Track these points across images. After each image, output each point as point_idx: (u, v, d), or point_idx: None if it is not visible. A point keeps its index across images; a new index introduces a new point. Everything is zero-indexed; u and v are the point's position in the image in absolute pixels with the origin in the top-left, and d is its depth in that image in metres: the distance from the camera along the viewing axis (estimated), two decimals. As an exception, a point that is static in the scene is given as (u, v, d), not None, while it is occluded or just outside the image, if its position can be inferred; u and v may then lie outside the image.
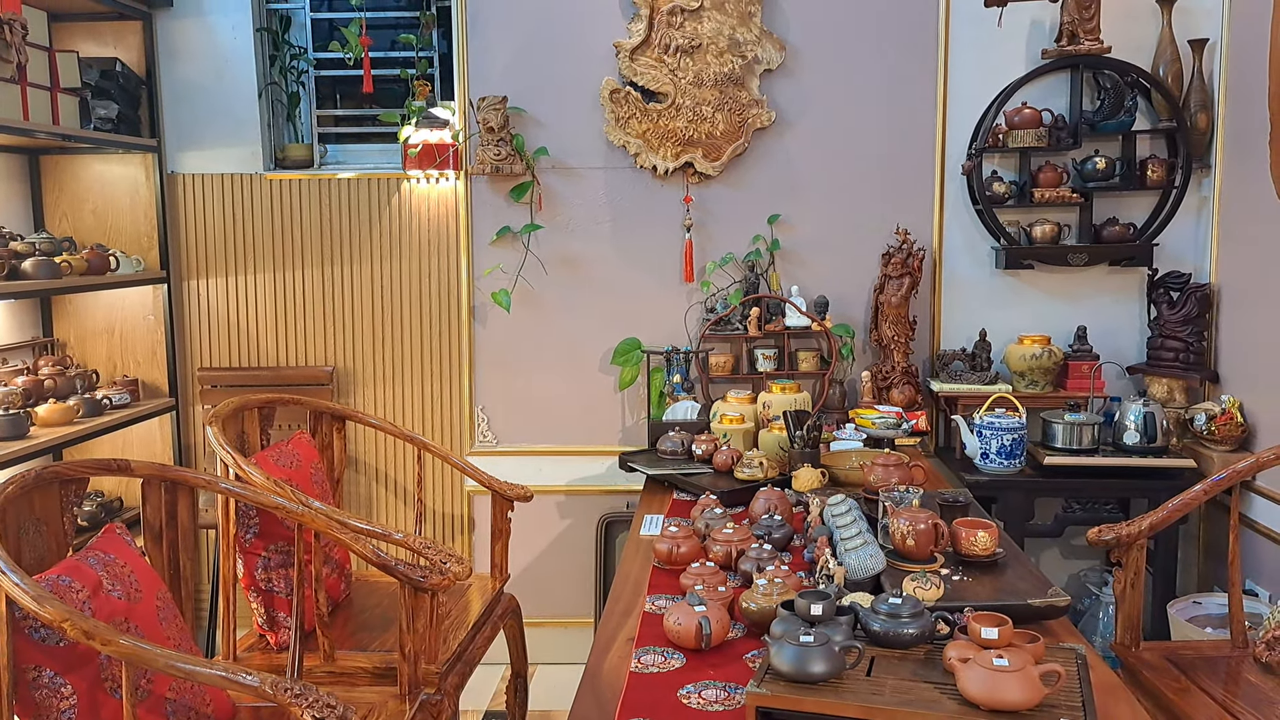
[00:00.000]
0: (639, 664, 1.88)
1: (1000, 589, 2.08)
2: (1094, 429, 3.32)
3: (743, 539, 2.35)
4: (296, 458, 2.83)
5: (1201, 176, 3.54)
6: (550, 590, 3.86)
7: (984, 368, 3.57)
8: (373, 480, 3.88)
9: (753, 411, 3.36)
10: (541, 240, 3.71)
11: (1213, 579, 3.46)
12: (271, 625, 2.66)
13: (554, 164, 3.68)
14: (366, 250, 3.77)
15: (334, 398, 3.80)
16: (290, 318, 3.81)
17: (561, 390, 3.80)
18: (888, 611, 1.80)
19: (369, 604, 2.93)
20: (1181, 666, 2.41)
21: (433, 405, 3.83)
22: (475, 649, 2.84)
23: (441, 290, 3.77)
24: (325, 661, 2.54)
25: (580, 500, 3.82)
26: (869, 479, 2.63)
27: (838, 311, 3.67)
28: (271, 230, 3.78)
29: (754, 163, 3.65)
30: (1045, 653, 1.74)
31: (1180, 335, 3.47)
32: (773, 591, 1.99)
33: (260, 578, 2.62)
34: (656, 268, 3.71)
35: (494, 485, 3.12)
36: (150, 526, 2.36)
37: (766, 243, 3.66)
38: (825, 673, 1.63)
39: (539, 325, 3.77)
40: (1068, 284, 3.65)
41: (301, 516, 2.35)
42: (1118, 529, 2.48)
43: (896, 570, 2.15)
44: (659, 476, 3.09)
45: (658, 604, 2.17)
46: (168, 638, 2.08)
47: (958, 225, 3.65)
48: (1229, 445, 3.28)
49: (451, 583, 2.43)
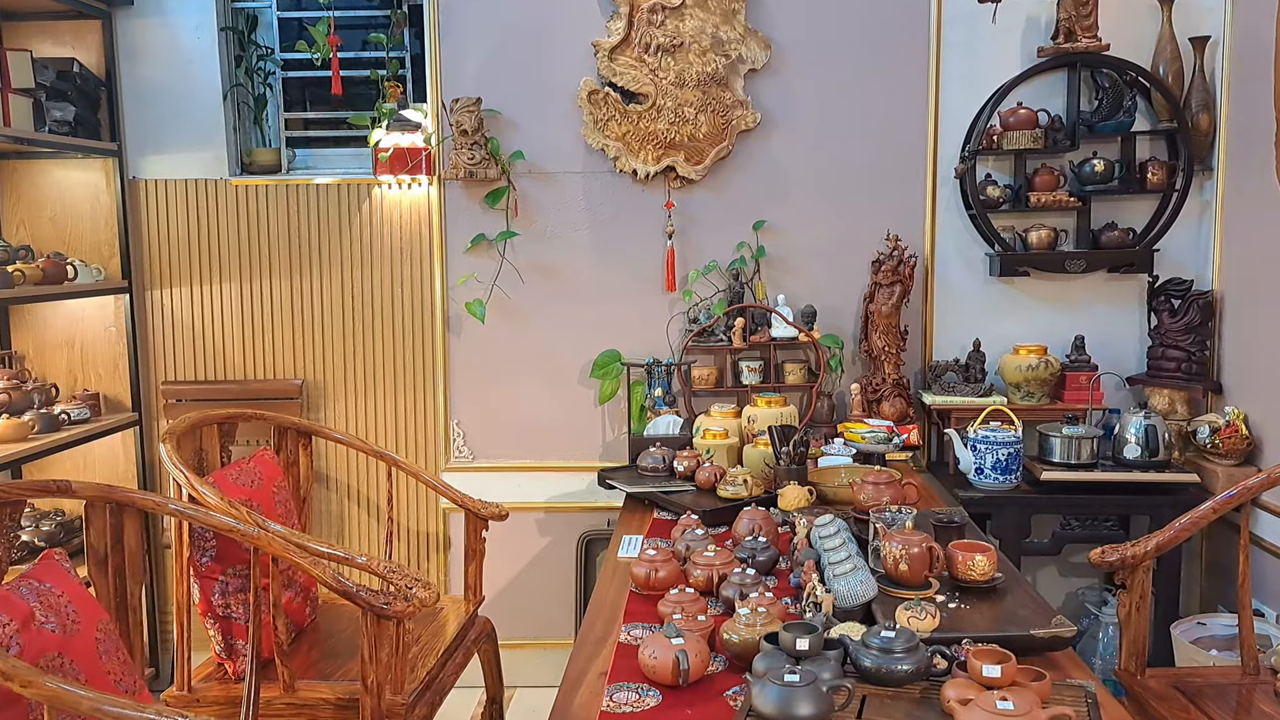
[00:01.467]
0: (611, 703, 1.73)
1: (1000, 618, 1.94)
2: (1093, 443, 3.19)
3: (725, 562, 2.21)
4: (258, 476, 2.68)
5: (1203, 179, 3.42)
6: (529, 611, 3.70)
7: (978, 379, 3.43)
8: (345, 498, 3.73)
9: (737, 426, 3.22)
10: (518, 248, 3.57)
11: (1217, 598, 3.33)
12: (230, 653, 2.51)
13: (530, 168, 3.54)
14: (337, 259, 3.62)
15: (304, 412, 3.65)
16: (258, 329, 3.66)
17: (540, 404, 3.65)
18: (880, 646, 1.66)
19: (336, 629, 2.78)
20: (1189, 695, 2.28)
21: (406, 419, 3.68)
22: (446, 676, 2.69)
23: (415, 300, 3.62)
24: (285, 692, 2.40)
25: (560, 518, 3.67)
26: (859, 498, 2.49)
27: (826, 321, 3.53)
28: (238, 238, 3.63)
29: (738, 166, 3.52)
30: (1052, 691, 1.60)
31: (1182, 344, 3.35)
32: (755, 622, 1.85)
33: (218, 603, 2.47)
34: (637, 276, 3.58)
35: (467, 504, 2.98)
36: (95, 552, 2.21)
37: (751, 250, 3.53)
38: (812, 715, 1.50)
39: (516, 336, 3.63)
40: (1065, 292, 3.53)
41: (256, 539, 2.21)
42: (1122, 550, 2.34)
43: (889, 598, 2.01)
44: (639, 494, 2.95)
45: (634, 634, 2.03)
46: (107, 672, 1.93)
47: (950, 231, 3.53)
48: (1234, 459, 3.16)
49: (417, 610, 2.29)
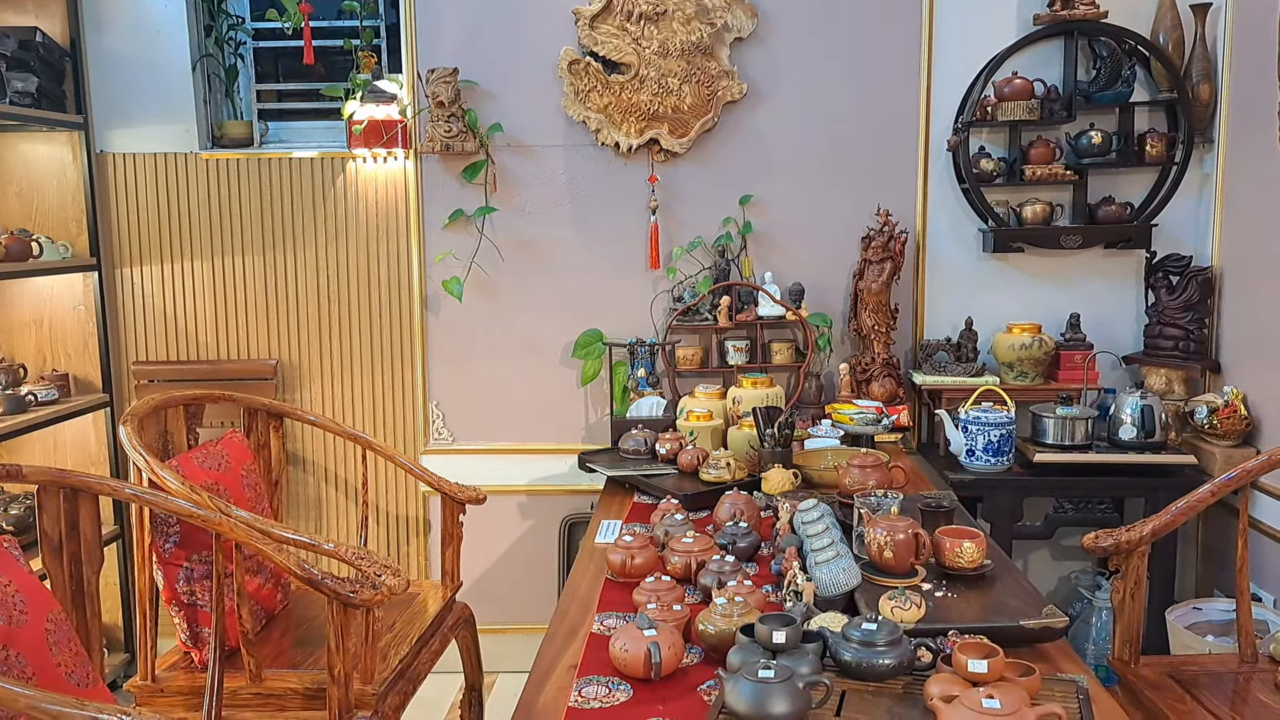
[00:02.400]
0: (579, 697, 1.65)
1: (989, 607, 1.85)
2: (1088, 423, 3.10)
3: (704, 549, 2.12)
4: (226, 459, 2.59)
5: (1203, 152, 3.32)
6: (511, 596, 3.63)
7: (970, 359, 3.34)
8: (321, 481, 3.64)
9: (722, 408, 3.13)
10: (497, 224, 3.47)
11: (1212, 582, 3.25)
12: (196, 642, 2.43)
13: (509, 141, 3.43)
14: (311, 235, 3.52)
15: (279, 393, 3.56)
16: (230, 308, 3.56)
17: (520, 385, 3.56)
18: (861, 639, 1.58)
19: (308, 616, 2.70)
20: (1185, 684, 2.20)
21: (384, 401, 3.59)
22: (421, 664, 2.62)
23: (391, 278, 3.52)
24: (252, 681, 2.32)
25: (542, 501, 3.59)
26: (844, 481, 2.41)
27: (814, 300, 3.44)
28: (209, 214, 3.52)
29: (724, 139, 3.41)
30: (1041, 687, 1.52)
31: (1180, 322, 3.26)
32: (733, 612, 1.76)
33: (182, 590, 2.39)
34: (619, 253, 3.48)
35: (444, 487, 2.89)
36: (48, 539, 2.11)
37: (738, 226, 3.43)
38: (788, 713, 1.41)
39: (495, 316, 3.53)
40: (1060, 268, 3.43)
41: (218, 525, 2.12)
42: (1117, 535, 2.26)
43: (873, 586, 1.93)
44: (619, 478, 2.86)
45: (607, 624, 1.94)
46: (58, 665, 1.84)
47: (942, 206, 3.43)
48: (1232, 440, 3.07)
49: (386, 598, 2.21)
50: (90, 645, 2.12)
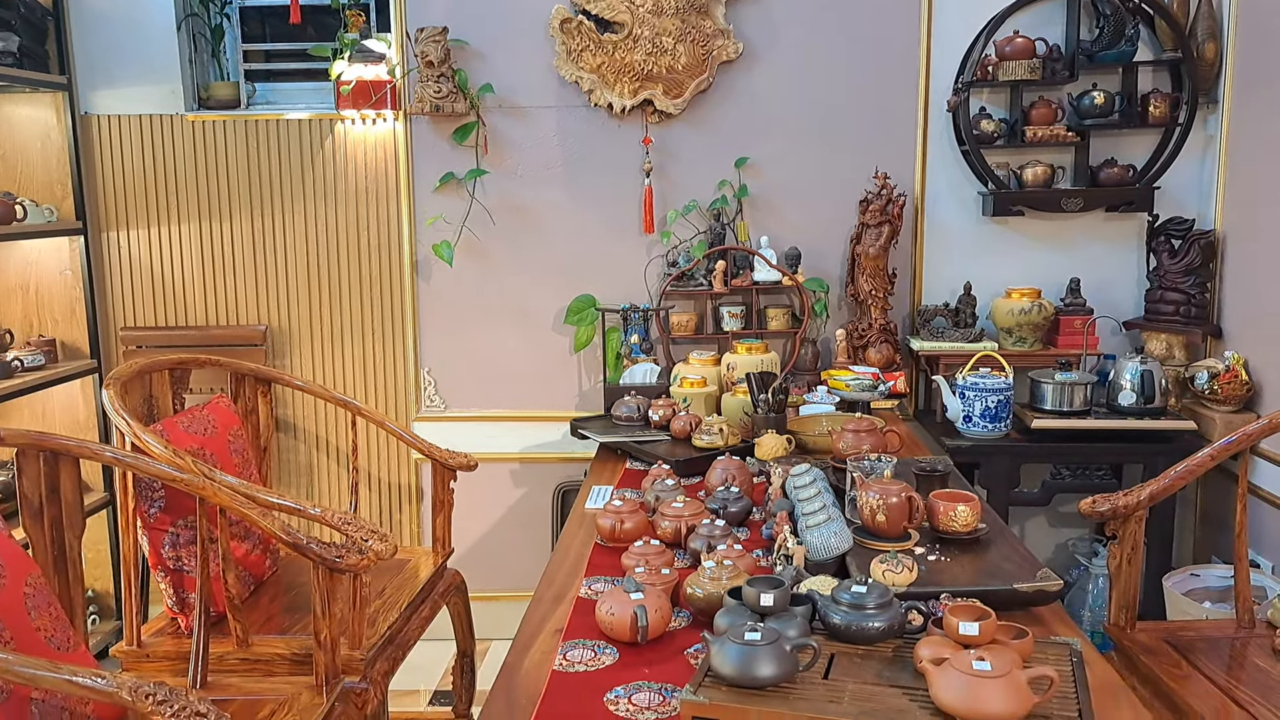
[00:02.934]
0: (564, 661, 1.62)
1: (982, 571, 1.82)
2: (1086, 389, 3.06)
3: (694, 513, 2.09)
4: (212, 424, 2.56)
5: (1208, 113, 3.26)
6: (504, 563, 3.60)
7: (968, 324, 3.30)
8: (313, 448, 3.60)
9: (716, 374, 3.09)
10: (488, 187, 3.41)
11: (1210, 548, 3.23)
12: (182, 607, 2.40)
13: (500, 102, 3.37)
14: (300, 199, 3.46)
15: (269, 359, 3.52)
16: (219, 273, 3.51)
17: (513, 351, 3.52)
18: (850, 601, 1.55)
19: (298, 582, 2.67)
20: (1181, 649, 2.17)
21: (376, 367, 3.55)
22: (411, 630, 2.59)
23: (382, 242, 3.47)
24: (239, 647, 2.29)
25: (535, 468, 3.56)
26: (838, 446, 2.37)
27: (811, 264, 3.39)
28: (196, 177, 3.47)
29: (719, 100, 3.35)
30: (1034, 650, 1.48)
31: (1181, 287, 3.21)
32: (721, 575, 1.73)
33: (168, 556, 2.36)
34: (613, 217, 3.42)
35: (434, 453, 2.86)
36: (28, 502, 2.08)
37: (733, 189, 3.37)
38: (774, 676, 1.38)
39: (487, 281, 3.48)
40: (1061, 232, 3.38)
41: (202, 489, 2.08)
42: (1114, 499, 2.22)
43: (865, 550, 1.90)
44: (612, 444, 2.82)
45: (594, 588, 1.92)
46: (37, 629, 1.82)
47: (942, 168, 3.37)
48: (1232, 405, 3.04)
49: (372, 563, 2.18)
50: (73, 610, 2.10)
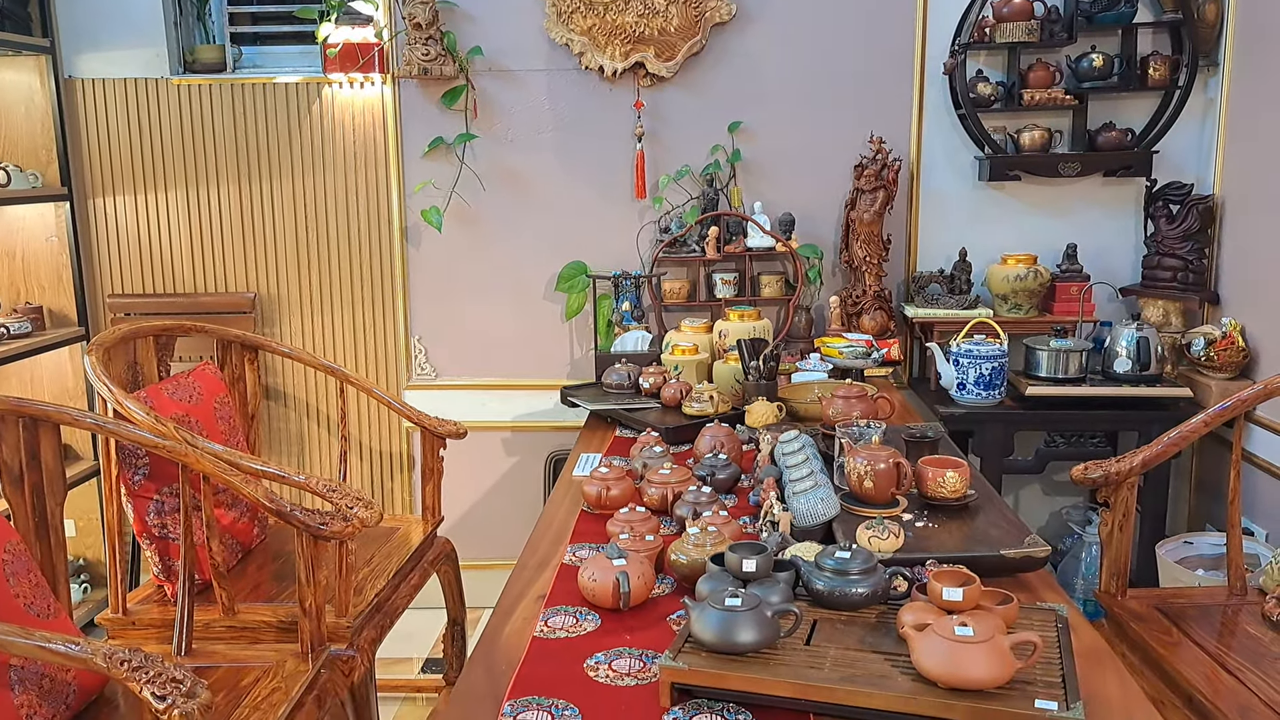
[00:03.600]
0: (545, 627, 1.60)
1: (970, 537, 1.80)
2: (1082, 356, 3.04)
3: (681, 480, 2.07)
4: (198, 391, 2.53)
5: (1207, 76, 3.21)
6: (495, 531, 3.59)
7: (963, 290, 3.27)
8: (304, 416, 3.58)
9: (708, 341, 3.06)
10: (478, 152, 3.36)
11: (1204, 516, 3.21)
12: (169, 575, 2.39)
13: (490, 65, 3.31)
14: (288, 164, 3.42)
15: (257, 327, 3.49)
16: (207, 239, 3.48)
17: (504, 319, 3.49)
18: (834, 567, 1.53)
19: (286, 550, 2.66)
20: (1172, 617, 2.16)
21: (366, 335, 3.52)
22: (399, 599, 2.58)
23: (370, 208, 3.43)
24: (225, 615, 2.28)
25: (526, 437, 3.54)
26: (828, 413, 2.34)
27: (805, 230, 3.35)
28: (182, 141, 3.42)
29: (712, 63, 3.29)
30: (1019, 616, 1.47)
31: (1179, 252, 3.17)
32: (705, 542, 1.71)
33: (153, 523, 2.34)
34: (604, 182, 3.38)
35: (423, 421, 2.84)
36: (8, 469, 2.06)
37: (726, 154, 3.32)
38: (755, 642, 1.36)
39: (477, 247, 3.44)
40: (1057, 198, 3.33)
41: (184, 456, 2.06)
42: (1105, 466, 2.21)
43: (851, 516, 1.88)
44: (602, 411, 2.80)
45: (579, 555, 1.90)
46: (15, 596, 1.80)
47: (938, 133, 3.32)
48: (1229, 372, 3.01)
49: (357, 530, 2.16)
50: (55, 577, 2.08)
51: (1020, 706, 1.25)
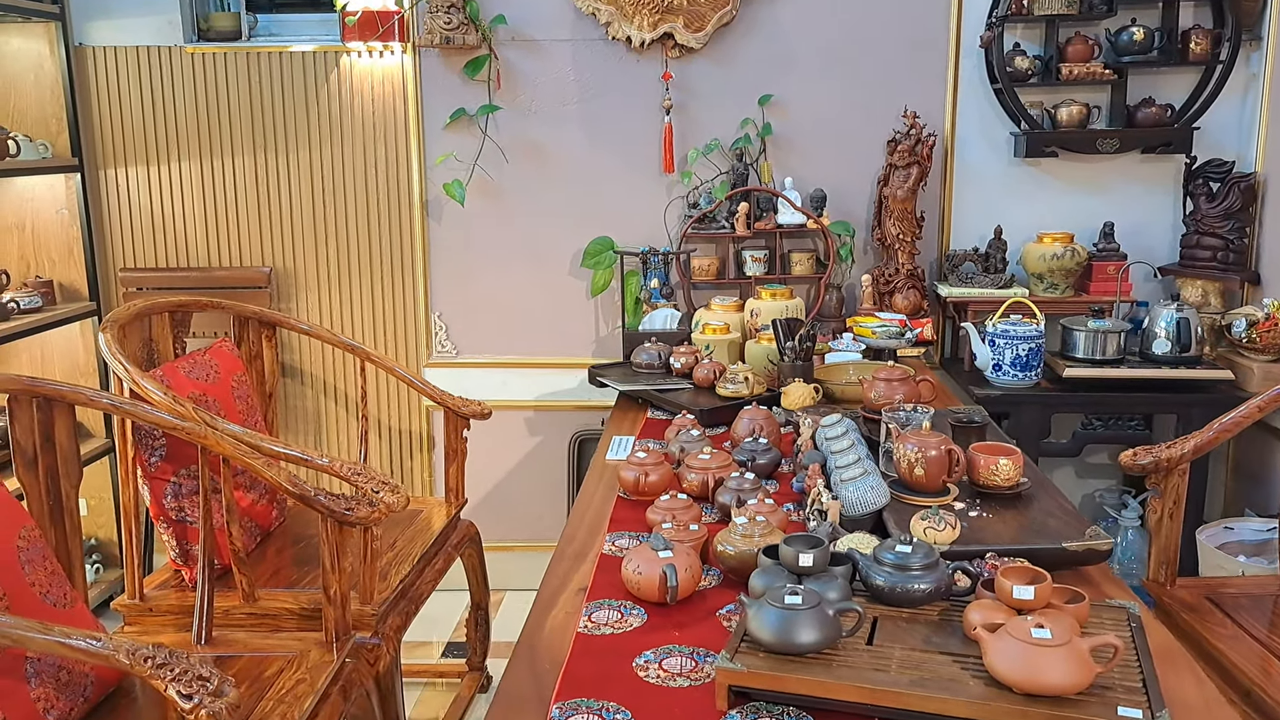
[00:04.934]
0: (589, 623, 1.54)
1: (1026, 528, 1.73)
2: (1119, 337, 2.96)
3: (721, 466, 2.00)
4: (215, 369, 2.46)
5: (1250, 50, 3.11)
6: (519, 513, 3.53)
7: (998, 270, 3.18)
8: (321, 394, 3.51)
9: (739, 320, 2.98)
10: (501, 124, 3.27)
11: (1243, 501, 3.14)
12: (186, 559, 2.33)
13: (514, 35, 3.22)
14: (304, 135, 3.33)
15: (273, 302, 3.41)
16: (221, 212, 3.40)
17: (528, 296, 3.41)
18: (894, 562, 1.46)
19: (306, 534, 2.60)
20: (1224, 607, 2.09)
21: (385, 311, 3.44)
22: (424, 584, 2.52)
23: (390, 181, 3.34)
24: (245, 601, 2.22)
25: (550, 416, 3.47)
26: (869, 396, 2.27)
27: (836, 207, 3.26)
28: (196, 112, 3.33)
29: (743, 34, 3.19)
30: (1090, 614, 1.40)
31: (1219, 231, 3.08)
32: (754, 532, 1.64)
33: (170, 506, 2.28)
34: (631, 156, 3.29)
35: (447, 401, 2.77)
36: (22, 451, 1.99)
37: (757, 128, 3.23)
38: (816, 642, 1.30)
39: (500, 222, 3.36)
40: (1094, 175, 3.24)
41: (204, 438, 1.99)
42: (1156, 452, 2.13)
43: (902, 506, 1.81)
44: (632, 392, 2.72)
45: (618, 544, 1.83)
46: (31, 585, 1.74)
47: (973, 107, 3.22)
48: (1271, 355, 2.93)
49: (384, 515, 2.10)
50: (70, 563, 2.02)
51: (1102, 714, 1.18)
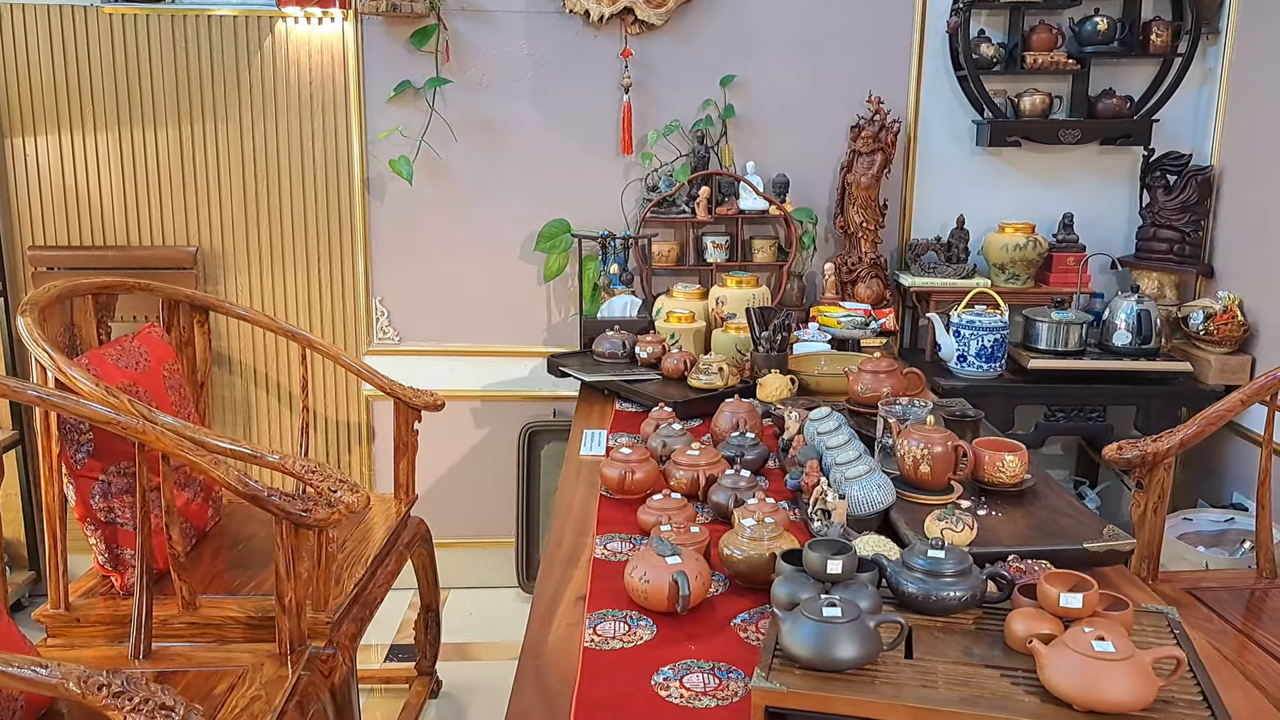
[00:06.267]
0: (595, 636, 1.41)
1: (1039, 528, 1.67)
2: (1082, 329, 2.95)
3: (711, 462, 1.89)
4: (144, 356, 2.26)
5: (1208, 44, 3.12)
6: (466, 508, 3.37)
7: (961, 259, 3.14)
8: (251, 383, 3.29)
9: (703, 308, 2.87)
10: (450, 98, 3.10)
11: (1195, 492, 3.17)
12: (115, 564, 2.13)
13: (464, 4, 3.04)
14: (235, 106, 3.10)
15: (200, 285, 3.17)
16: (142, 187, 3.14)
17: (476, 280, 3.24)
18: (926, 568, 1.37)
19: (245, 534, 2.42)
20: (1208, 601, 2.08)
21: (321, 295, 3.23)
22: (376, 587, 2.36)
23: (329, 157, 3.14)
24: (185, 610, 2.03)
25: (499, 407, 3.31)
26: (855, 388, 2.19)
27: (799, 193, 3.17)
28: (114, 78, 3.07)
29: (705, 11, 3.08)
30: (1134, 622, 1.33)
31: (1176, 224, 3.10)
32: (763, 535, 1.54)
33: (98, 507, 2.08)
34: (589, 135, 3.14)
35: (398, 392, 2.61)
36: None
37: (719, 109, 3.12)
38: (857, 657, 1.20)
39: (447, 202, 3.19)
40: (1054, 165, 3.22)
41: (141, 433, 1.80)
42: (1142, 446, 2.11)
43: (909, 504, 1.73)
44: (598, 384, 2.60)
45: (610, 547, 1.71)
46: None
47: (937, 94, 3.17)
48: (1228, 347, 2.95)
49: (343, 516, 1.94)
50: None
51: (1168, 731, 1.11)
